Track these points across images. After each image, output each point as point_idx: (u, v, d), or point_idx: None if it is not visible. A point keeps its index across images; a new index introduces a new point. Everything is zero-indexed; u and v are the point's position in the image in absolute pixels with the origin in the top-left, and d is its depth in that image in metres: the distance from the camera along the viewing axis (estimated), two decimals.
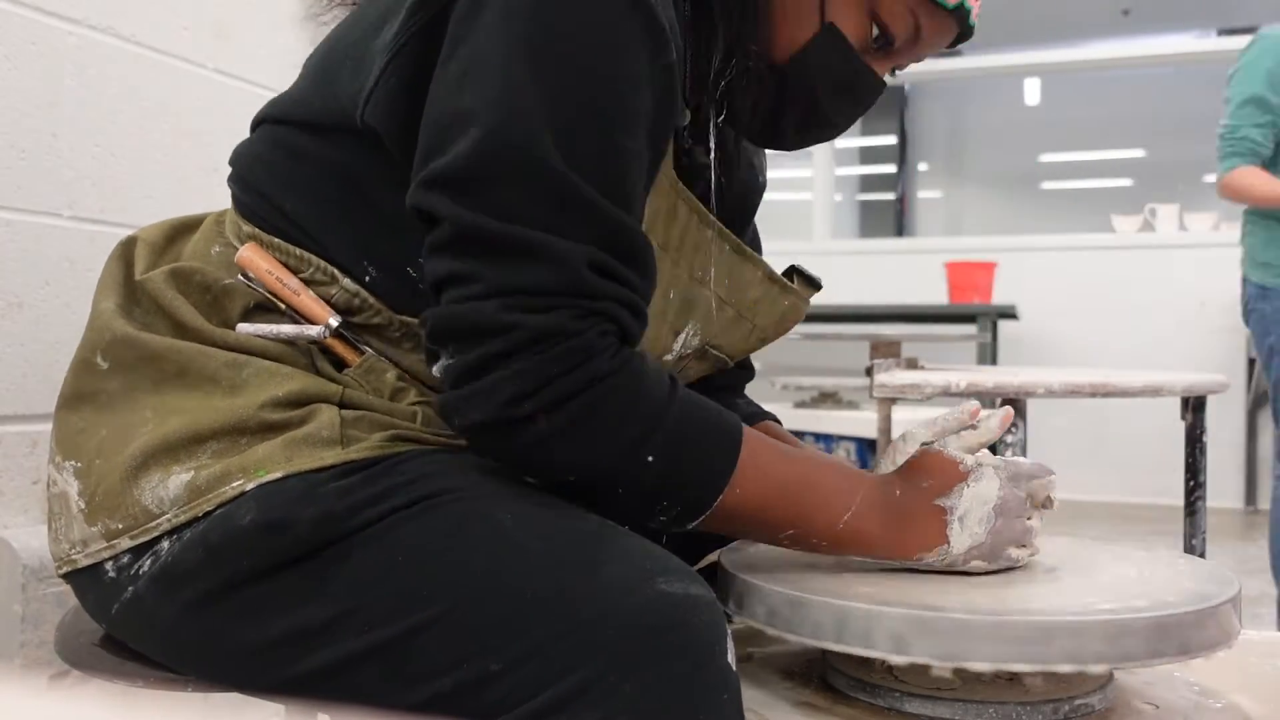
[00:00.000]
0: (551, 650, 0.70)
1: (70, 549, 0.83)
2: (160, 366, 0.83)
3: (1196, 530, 1.91)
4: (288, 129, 0.89)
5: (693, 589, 0.73)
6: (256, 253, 0.87)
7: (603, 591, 0.71)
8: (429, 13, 0.79)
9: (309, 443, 0.78)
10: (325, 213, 0.86)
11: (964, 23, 0.92)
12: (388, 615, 0.73)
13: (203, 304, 0.86)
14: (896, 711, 0.81)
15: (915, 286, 4.99)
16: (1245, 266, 2.63)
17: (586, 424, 0.74)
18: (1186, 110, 7.71)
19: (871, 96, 0.94)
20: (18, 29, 1.35)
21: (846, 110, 0.95)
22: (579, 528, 0.76)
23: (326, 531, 0.75)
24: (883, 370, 1.88)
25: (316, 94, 0.88)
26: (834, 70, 0.91)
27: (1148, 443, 4.56)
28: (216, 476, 0.77)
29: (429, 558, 0.74)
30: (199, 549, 0.76)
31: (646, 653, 0.69)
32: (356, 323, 0.86)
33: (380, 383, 0.85)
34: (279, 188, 0.88)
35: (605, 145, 0.76)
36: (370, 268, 0.85)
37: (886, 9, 0.90)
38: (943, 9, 0.90)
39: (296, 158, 0.88)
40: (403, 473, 0.77)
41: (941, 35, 0.93)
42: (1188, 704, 0.85)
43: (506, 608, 0.72)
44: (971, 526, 0.83)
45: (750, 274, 0.98)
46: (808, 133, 0.97)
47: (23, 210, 1.36)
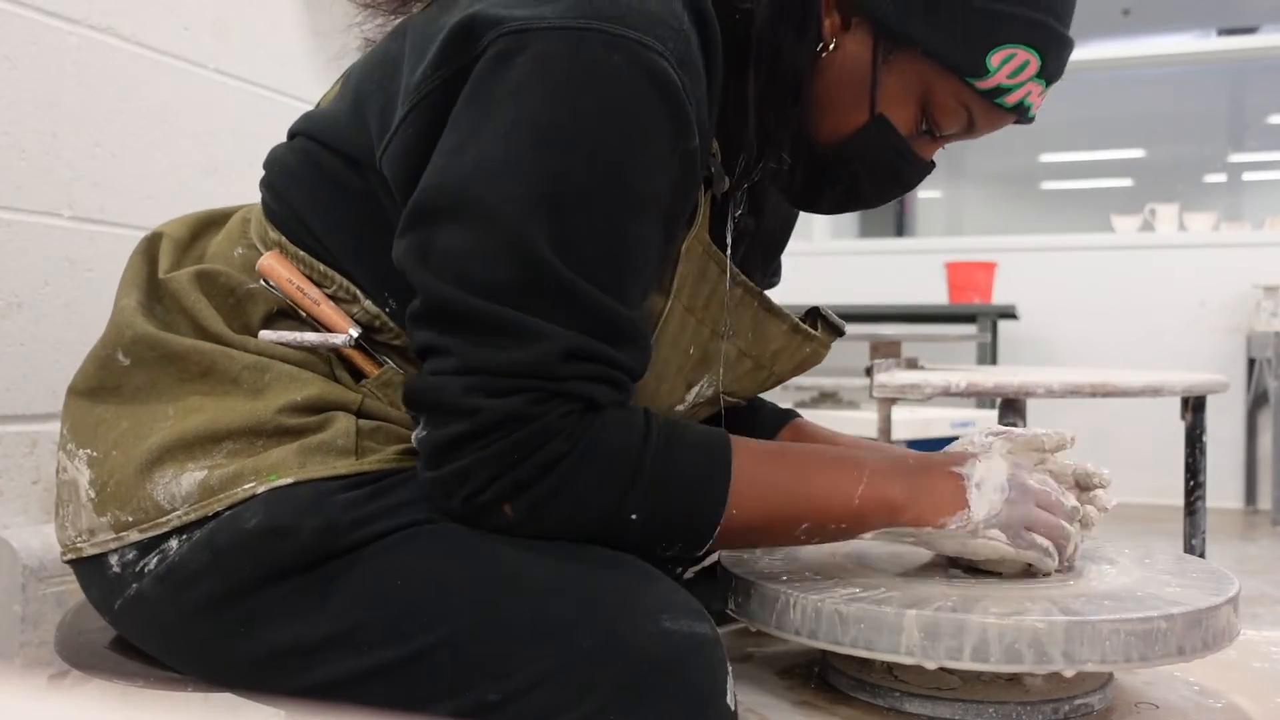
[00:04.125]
0: (552, 683, 0.70)
1: (77, 537, 0.83)
2: (184, 366, 0.83)
3: (1196, 530, 1.91)
4: (320, 149, 0.88)
5: (697, 628, 0.72)
6: (279, 261, 0.86)
7: (606, 626, 0.71)
8: (451, 68, 0.77)
9: (323, 450, 0.78)
10: (348, 239, 0.86)
11: (1023, 116, 0.87)
12: (386, 637, 0.73)
13: (225, 307, 0.86)
14: (896, 711, 0.81)
15: (915, 286, 4.99)
16: None
17: (551, 507, 0.74)
18: (1186, 110, 7.71)
19: (918, 178, 0.91)
20: (18, 29, 1.35)
21: (891, 191, 0.92)
22: (584, 557, 0.75)
23: (329, 542, 0.74)
24: (883, 370, 1.88)
25: (349, 123, 0.86)
26: (881, 158, 0.88)
27: (1148, 443, 4.56)
28: (229, 477, 0.77)
29: (430, 580, 0.74)
30: (206, 550, 0.76)
31: (648, 691, 0.69)
32: (377, 340, 0.86)
33: (397, 395, 0.84)
34: (307, 205, 0.87)
35: (604, 231, 0.74)
36: (390, 299, 0.85)
37: (939, 104, 0.85)
38: (1000, 109, 0.85)
39: (327, 180, 0.87)
40: (410, 490, 0.77)
41: (996, 125, 0.88)
42: (1188, 704, 0.85)
43: (508, 637, 0.71)
44: (989, 494, 0.81)
45: (775, 328, 0.96)
46: (847, 206, 0.95)
47: (23, 210, 1.36)
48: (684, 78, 0.75)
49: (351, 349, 0.85)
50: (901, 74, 0.84)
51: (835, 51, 0.85)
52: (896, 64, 0.84)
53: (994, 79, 0.82)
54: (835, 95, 0.86)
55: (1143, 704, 0.85)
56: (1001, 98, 0.83)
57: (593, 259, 0.74)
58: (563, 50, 0.73)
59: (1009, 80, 0.82)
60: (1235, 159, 7.95)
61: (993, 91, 0.83)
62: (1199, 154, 7.85)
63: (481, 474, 0.72)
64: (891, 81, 0.84)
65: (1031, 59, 0.82)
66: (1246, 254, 4.85)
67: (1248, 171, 8.00)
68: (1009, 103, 0.84)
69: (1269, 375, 4.47)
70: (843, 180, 0.90)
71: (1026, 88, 0.84)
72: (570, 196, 0.73)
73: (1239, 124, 7.96)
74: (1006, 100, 0.84)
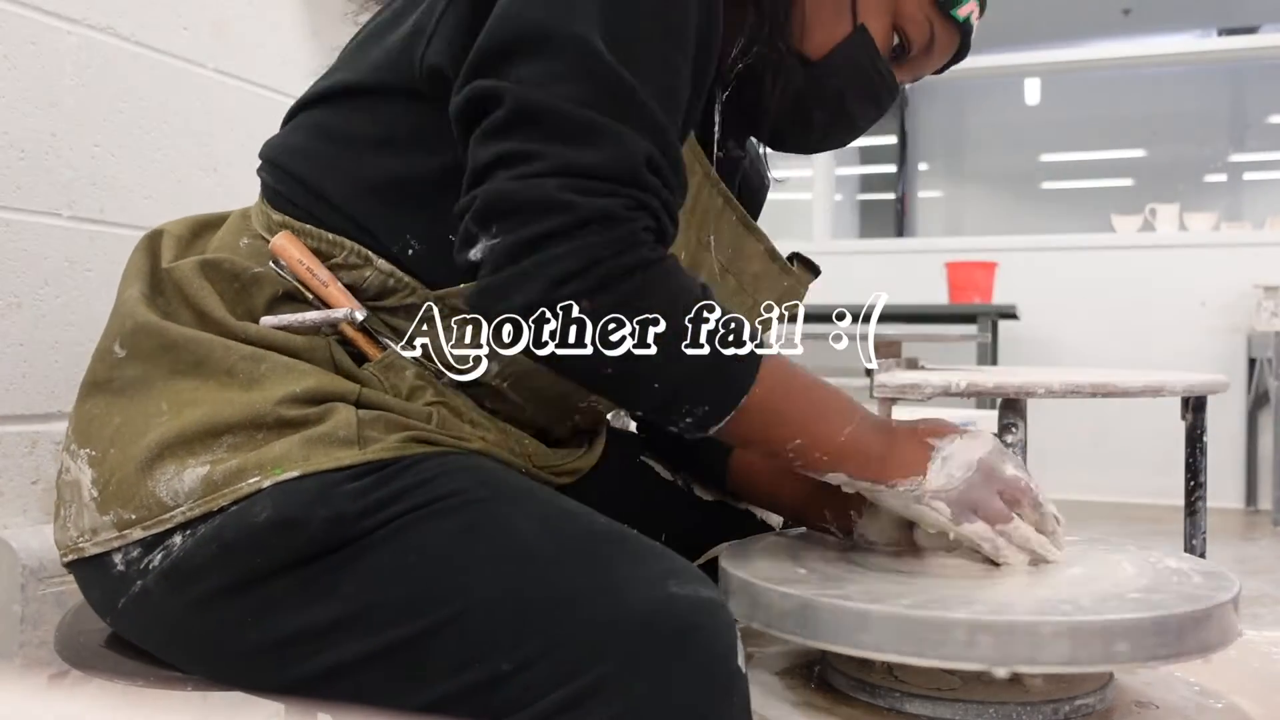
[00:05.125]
0: (563, 650, 0.70)
1: (79, 537, 0.83)
2: (178, 356, 0.83)
3: (1196, 530, 1.91)
4: (325, 109, 0.90)
5: (704, 592, 0.73)
6: (291, 241, 0.87)
7: (615, 593, 0.71)
8: None
9: (326, 442, 0.78)
10: (365, 191, 0.87)
11: (965, 38, 0.98)
12: (399, 616, 0.73)
13: (230, 293, 0.86)
14: (896, 711, 0.81)
15: (915, 286, 4.99)
16: None
17: (633, 306, 0.74)
18: (1186, 110, 7.71)
19: (890, 99, 0.99)
20: (18, 29, 1.35)
21: (869, 112, 0.99)
22: (591, 530, 0.76)
23: (340, 532, 0.75)
24: (883, 370, 1.88)
25: (367, 61, 0.88)
26: (862, 70, 0.95)
27: (1148, 443, 4.56)
28: (233, 472, 0.77)
29: (441, 559, 0.74)
30: (213, 545, 0.76)
31: (659, 654, 0.70)
32: (388, 305, 0.86)
33: (399, 380, 0.85)
34: (317, 172, 0.88)
35: (658, 57, 0.78)
36: (412, 241, 0.85)
37: (909, 16, 0.95)
38: (954, 21, 0.96)
39: (334, 140, 0.88)
40: (416, 474, 0.77)
41: (948, 49, 0.99)
42: (1188, 704, 0.85)
43: (518, 609, 0.72)
44: (951, 469, 0.83)
45: (753, 247, 0.99)
46: (831, 131, 1.00)
47: (22, 210, 1.36)
48: None
49: (354, 331, 0.85)
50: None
51: None
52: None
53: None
54: (821, 10, 0.94)
55: (1143, 704, 0.85)
56: (955, 8, 0.96)
57: (655, 83, 0.78)
58: None
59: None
60: (1236, 159, 7.96)
61: (947, 2, 0.95)
62: (1199, 154, 7.85)
63: (572, 263, 0.72)
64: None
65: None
66: (1247, 254, 4.85)
67: (1248, 171, 8.00)
68: (960, 15, 0.96)
69: (1269, 375, 4.47)
70: (828, 98, 0.96)
71: (971, 4, 0.96)
72: (632, 23, 0.77)
73: (1239, 124, 7.96)
74: (959, 12, 0.96)
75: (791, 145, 1.03)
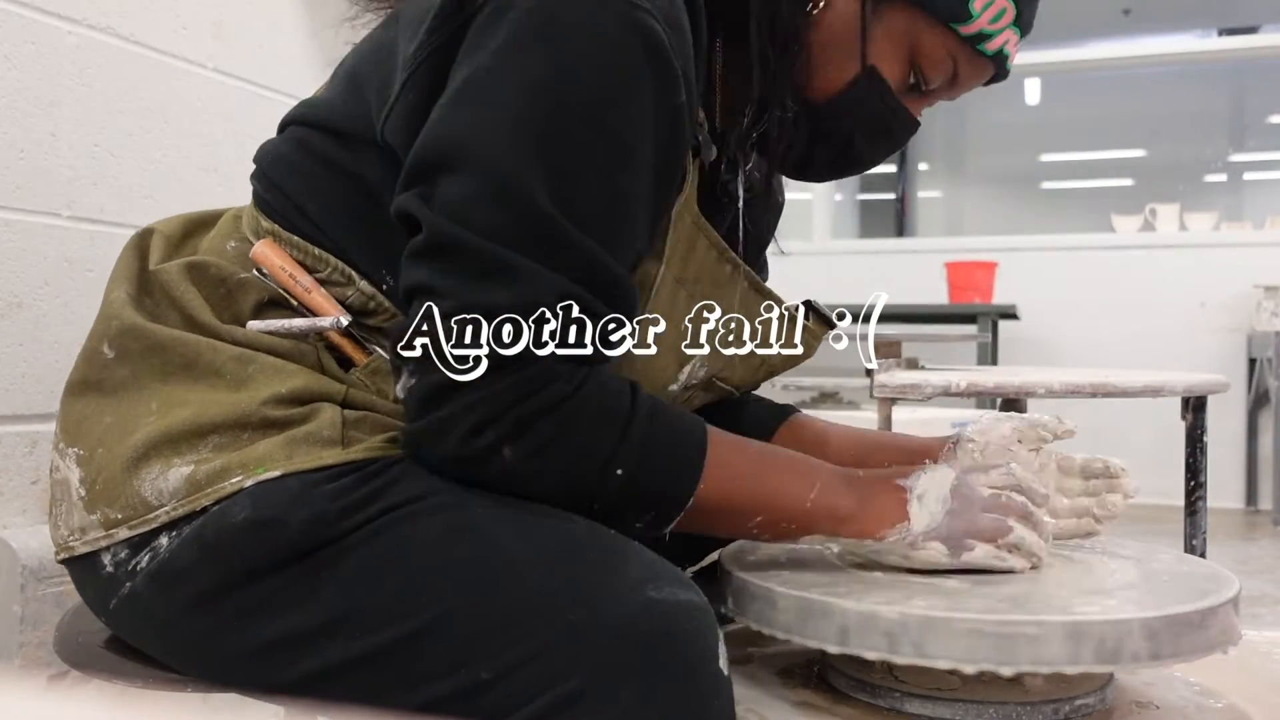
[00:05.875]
0: (543, 657, 0.70)
1: (69, 535, 0.83)
2: (167, 357, 0.83)
3: (1196, 530, 1.90)
4: (315, 133, 0.90)
5: (682, 594, 0.73)
6: (272, 248, 0.87)
7: (592, 600, 0.71)
8: (447, 32, 0.80)
9: (309, 442, 0.78)
10: (346, 220, 0.87)
11: (1001, 66, 0.93)
12: (378, 622, 0.73)
13: (216, 297, 0.87)
14: (896, 711, 0.81)
15: (915, 286, 4.99)
16: None
17: (551, 449, 0.74)
18: (1187, 110, 7.71)
19: (906, 136, 0.95)
20: (18, 29, 1.35)
21: (881, 149, 0.96)
22: (569, 534, 0.76)
23: (318, 532, 0.74)
24: (883, 370, 1.88)
25: (344, 103, 0.88)
26: (872, 112, 0.92)
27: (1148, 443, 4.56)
28: (216, 472, 0.77)
29: (418, 563, 0.74)
30: (194, 546, 0.76)
31: (639, 660, 0.69)
32: (370, 324, 0.87)
33: (385, 384, 0.84)
34: (302, 190, 0.88)
35: (598, 186, 0.76)
36: (389, 276, 0.86)
37: (926, 54, 0.90)
38: (982, 55, 0.90)
39: (321, 163, 0.88)
40: (395, 475, 0.77)
41: (978, 78, 0.94)
42: (1188, 704, 0.85)
43: (497, 615, 0.71)
44: (930, 505, 0.82)
45: (766, 312, 0.96)
46: (839, 168, 0.97)
47: (22, 210, 1.36)
48: (671, 36, 0.77)
49: (340, 336, 0.85)
50: (890, 27, 0.89)
51: (825, 9, 0.89)
52: (885, 18, 0.89)
53: (977, 24, 0.88)
54: (828, 51, 0.90)
55: (1143, 704, 0.84)
56: (983, 44, 0.89)
57: (587, 211, 0.75)
58: (553, 5, 0.76)
59: (990, 25, 0.88)
60: (1236, 159, 7.96)
61: (976, 37, 0.89)
62: (1199, 154, 7.85)
63: (484, 412, 0.72)
64: (881, 35, 0.89)
65: (1008, 6, 0.88)
66: (1247, 254, 4.85)
67: (1248, 171, 8.00)
68: (990, 49, 0.90)
69: (1270, 375, 4.47)
70: (836, 139, 0.93)
71: (1005, 35, 0.89)
72: (564, 147, 0.75)
73: (1239, 124, 7.96)
74: (988, 47, 0.89)
75: (799, 178, 1.00)
